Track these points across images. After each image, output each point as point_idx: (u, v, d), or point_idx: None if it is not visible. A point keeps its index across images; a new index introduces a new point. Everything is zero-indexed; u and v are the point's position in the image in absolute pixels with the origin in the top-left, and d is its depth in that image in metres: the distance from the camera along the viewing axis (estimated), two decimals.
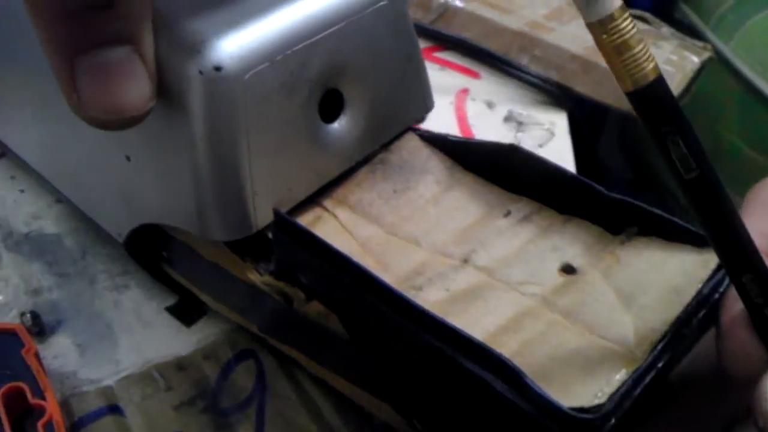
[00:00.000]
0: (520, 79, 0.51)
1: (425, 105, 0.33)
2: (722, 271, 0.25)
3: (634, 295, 0.26)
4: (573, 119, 0.50)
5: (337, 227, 0.28)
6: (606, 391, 0.22)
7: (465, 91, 0.50)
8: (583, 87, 0.49)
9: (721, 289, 0.25)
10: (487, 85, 0.51)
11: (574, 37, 0.50)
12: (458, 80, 0.51)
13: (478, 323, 0.24)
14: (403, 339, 0.24)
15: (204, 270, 0.31)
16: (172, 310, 0.35)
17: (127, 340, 0.34)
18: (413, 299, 0.24)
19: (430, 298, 0.25)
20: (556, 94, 0.50)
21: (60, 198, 0.38)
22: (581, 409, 0.21)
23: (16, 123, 0.36)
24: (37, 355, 0.30)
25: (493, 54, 0.51)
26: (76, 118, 0.28)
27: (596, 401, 0.21)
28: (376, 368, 0.26)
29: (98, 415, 0.31)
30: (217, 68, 0.24)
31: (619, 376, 0.22)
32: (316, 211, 0.29)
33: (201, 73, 0.24)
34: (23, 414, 0.29)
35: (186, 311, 0.35)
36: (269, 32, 0.25)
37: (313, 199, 0.29)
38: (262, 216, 0.27)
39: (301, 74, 0.26)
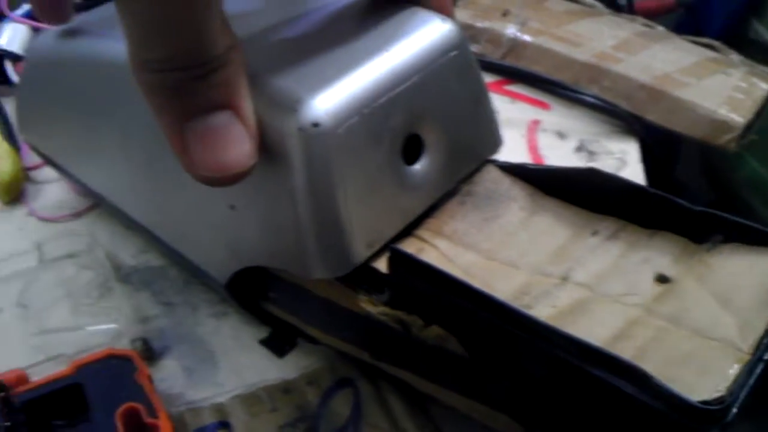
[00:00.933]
0: (590, 107, 0.52)
1: (495, 141, 0.35)
2: None
3: (730, 297, 0.27)
4: (646, 146, 0.51)
5: (439, 256, 0.30)
6: (724, 385, 0.24)
7: (536, 123, 0.52)
8: (653, 115, 0.50)
9: None
10: (557, 116, 0.53)
11: (644, 66, 0.51)
12: (529, 112, 0.53)
13: (591, 334, 0.26)
14: (526, 353, 0.26)
15: (313, 306, 0.33)
16: (265, 342, 0.38)
17: (227, 363, 0.37)
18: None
19: (540, 315, 0.27)
20: (626, 123, 0.51)
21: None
22: (707, 402, 0.23)
23: (121, 183, 0.39)
24: (149, 378, 0.33)
25: (563, 84, 0.52)
26: (179, 176, 0.31)
27: (716, 394, 0.23)
28: (496, 383, 0.28)
29: (211, 429, 0.34)
30: (315, 125, 0.26)
31: (732, 371, 0.24)
32: (416, 244, 0.31)
33: (300, 130, 0.26)
34: None
35: (278, 343, 0.38)
36: (357, 88, 0.27)
37: (411, 232, 0.31)
38: (358, 254, 0.29)
39: (386, 124, 0.28)
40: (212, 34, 0.24)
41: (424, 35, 0.30)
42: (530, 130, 0.51)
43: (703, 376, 0.24)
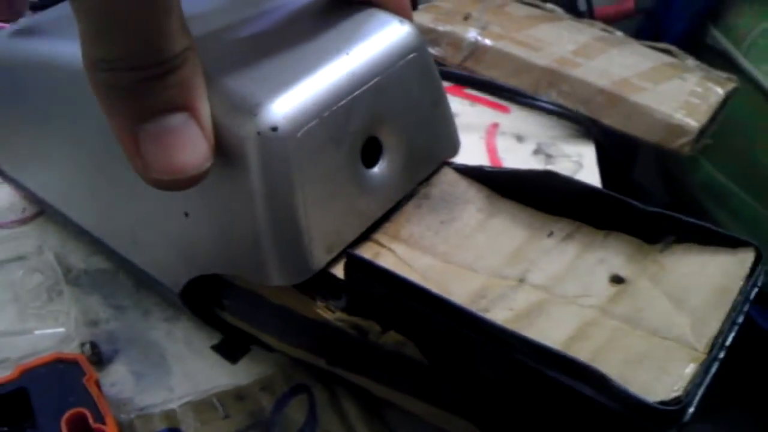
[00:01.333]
0: (548, 112, 0.53)
1: (453, 144, 0.35)
2: (759, 267, 0.28)
3: (684, 297, 0.27)
4: (602, 150, 0.51)
5: (396, 261, 0.30)
6: (680, 385, 0.24)
7: (495, 126, 0.52)
8: (610, 119, 0.50)
9: (759, 283, 0.27)
10: (516, 120, 0.53)
11: (602, 71, 0.52)
12: (488, 115, 0.53)
13: (547, 337, 0.26)
14: (484, 356, 0.26)
15: (268, 313, 0.32)
16: (217, 349, 0.37)
17: (179, 368, 0.36)
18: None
19: (497, 318, 0.27)
20: (583, 127, 0.52)
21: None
22: (664, 403, 0.23)
23: (69, 191, 0.38)
24: (97, 383, 0.32)
25: (520, 92, 0.53)
26: (131, 183, 0.31)
27: (673, 394, 0.24)
28: (454, 388, 0.28)
29: None
30: (274, 129, 0.26)
31: (689, 371, 0.25)
32: (373, 248, 0.30)
33: (259, 134, 0.26)
34: None
35: (230, 349, 0.37)
36: (317, 91, 0.27)
37: (368, 237, 0.31)
38: (317, 260, 0.28)
39: (346, 127, 0.28)
40: (170, 33, 0.23)
41: (383, 37, 0.30)
42: (489, 134, 0.51)
43: (660, 377, 0.24)
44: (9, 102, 0.38)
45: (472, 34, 0.55)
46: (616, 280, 0.29)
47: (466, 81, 0.54)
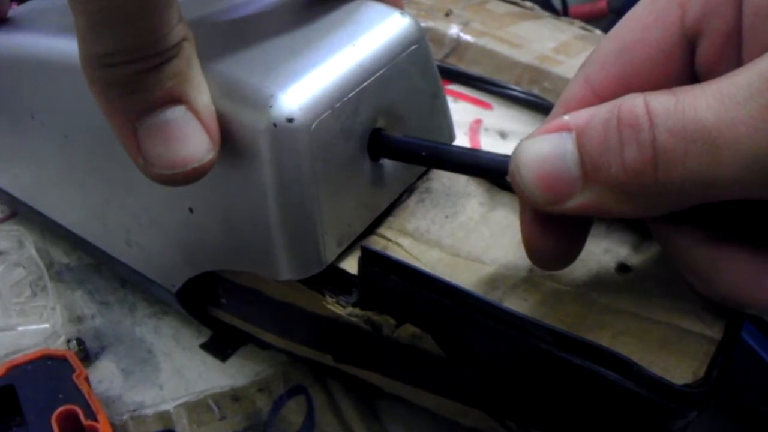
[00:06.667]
0: (531, 107, 0.53)
1: (450, 135, 0.35)
2: None
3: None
4: None
5: (405, 255, 0.30)
6: (700, 367, 0.24)
7: (478, 122, 0.52)
8: None
9: None
10: (499, 116, 0.53)
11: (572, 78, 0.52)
12: (471, 112, 0.53)
13: (565, 326, 0.26)
14: (507, 346, 0.26)
15: (271, 310, 0.32)
16: (206, 347, 0.37)
17: (168, 365, 0.36)
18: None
19: (515, 308, 0.27)
20: None
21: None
22: (688, 386, 0.24)
23: (56, 192, 0.37)
24: (87, 380, 0.32)
25: (506, 86, 0.53)
26: (127, 182, 0.30)
27: (696, 377, 0.24)
28: (471, 379, 0.28)
29: None
30: (289, 120, 0.25)
31: (705, 354, 0.25)
32: (380, 242, 0.30)
33: (275, 125, 0.25)
34: None
35: (220, 346, 0.37)
36: (328, 82, 0.27)
37: (373, 231, 0.31)
38: (330, 253, 0.28)
39: (355, 118, 0.28)
40: (168, 23, 0.23)
41: (386, 29, 0.30)
42: (472, 130, 0.51)
43: (680, 361, 0.25)
44: None
45: (453, 30, 0.55)
46: (623, 268, 0.29)
47: (454, 75, 0.54)
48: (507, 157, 0.26)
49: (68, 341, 0.35)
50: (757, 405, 0.38)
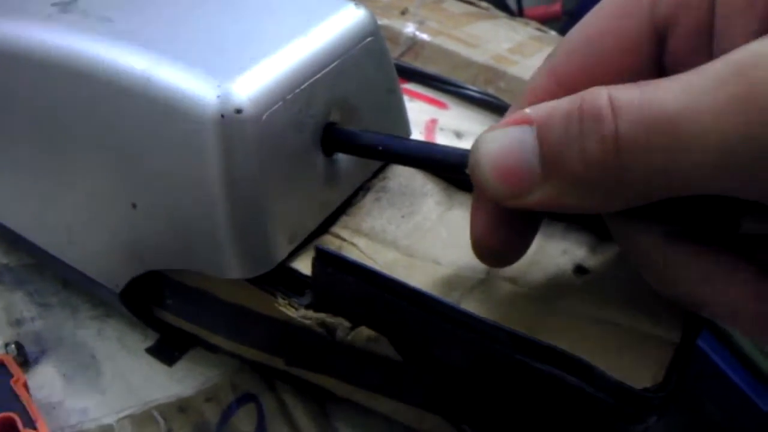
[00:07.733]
0: (486, 107, 0.53)
1: (406, 132, 0.34)
2: None
3: (648, 286, 0.27)
4: None
5: (360, 255, 0.29)
6: (659, 370, 0.24)
7: (434, 122, 0.51)
8: None
9: None
10: (454, 116, 0.52)
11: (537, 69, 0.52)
12: (427, 111, 0.52)
13: (523, 329, 0.26)
14: (463, 349, 0.25)
15: (218, 312, 0.31)
16: (152, 351, 0.35)
17: (111, 369, 0.34)
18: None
19: (473, 310, 0.26)
20: None
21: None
22: (648, 390, 0.23)
23: None
24: (26, 386, 0.30)
25: (462, 85, 0.52)
26: (68, 179, 0.28)
27: (655, 381, 0.24)
28: (428, 383, 0.28)
29: None
30: (238, 111, 0.24)
31: (665, 358, 0.25)
32: (335, 242, 0.29)
33: (222, 116, 0.24)
34: None
35: (167, 350, 0.35)
36: (279, 73, 0.26)
37: (326, 230, 0.30)
38: (280, 250, 0.27)
39: (308, 111, 0.27)
40: None
41: (340, 20, 0.29)
42: (428, 129, 0.51)
43: (639, 364, 0.24)
44: None
45: (409, 29, 0.54)
46: (581, 270, 0.29)
47: (410, 74, 0.53)
48: (466, 151, 0.25)
49: (6, 345, 0.33)
50: (711, 413, 0.38)
